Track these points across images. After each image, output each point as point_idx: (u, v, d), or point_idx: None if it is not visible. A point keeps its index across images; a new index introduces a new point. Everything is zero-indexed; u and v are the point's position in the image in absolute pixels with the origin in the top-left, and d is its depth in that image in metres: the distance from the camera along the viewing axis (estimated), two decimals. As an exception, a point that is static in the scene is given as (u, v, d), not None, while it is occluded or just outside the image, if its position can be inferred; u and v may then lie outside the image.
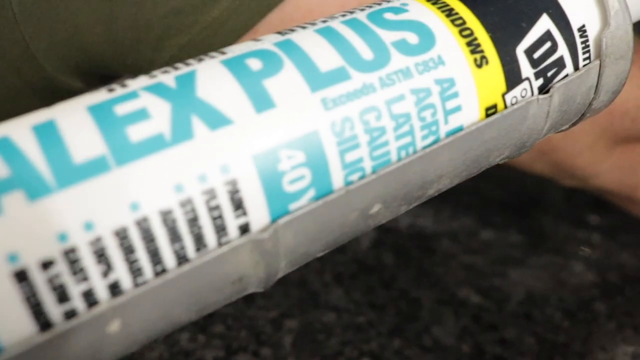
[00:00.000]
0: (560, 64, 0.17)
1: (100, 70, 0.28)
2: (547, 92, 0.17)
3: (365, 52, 0.15)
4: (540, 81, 0.17)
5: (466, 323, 0.34)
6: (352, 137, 0.14)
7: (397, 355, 0.32)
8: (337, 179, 0.14)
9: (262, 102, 0.14)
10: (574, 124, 0.19)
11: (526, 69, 0.17)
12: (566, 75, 0.17)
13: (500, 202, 0.49)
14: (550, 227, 0.47)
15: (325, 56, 0.15)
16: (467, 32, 0.16)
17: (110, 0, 0.24)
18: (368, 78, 0.15)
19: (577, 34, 0.17)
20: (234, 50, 0.15)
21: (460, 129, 0.16)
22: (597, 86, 0.18)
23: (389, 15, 0.16)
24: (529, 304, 0.37)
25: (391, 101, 0.15)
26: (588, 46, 0.18)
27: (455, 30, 0.16)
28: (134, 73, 0.27)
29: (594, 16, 0.18)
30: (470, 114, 0.16)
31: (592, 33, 0.18)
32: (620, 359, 0.33)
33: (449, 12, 0.16)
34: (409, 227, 0.46)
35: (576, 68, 0.17)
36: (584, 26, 0.17)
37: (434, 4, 0.16)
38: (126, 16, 0.24)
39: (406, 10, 0.16)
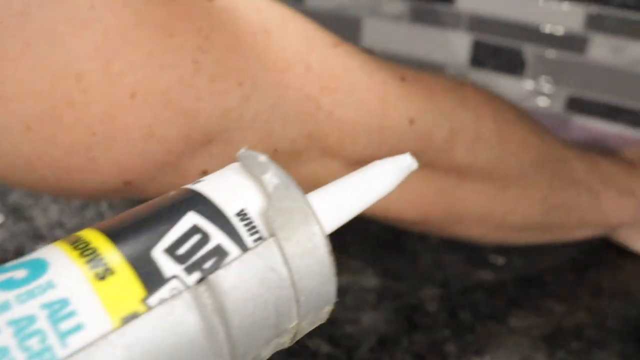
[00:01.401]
0: (219, 252, 0.16)
1: None
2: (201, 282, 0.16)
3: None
4: (197, 274, 0.16)
5: (314, 374, 0.33)
6: None
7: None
8: None
9: None
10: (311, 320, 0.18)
11: (171, 268, 0.16)
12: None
13: (359, 244, 0.48)
14: (406, 269, 0.46)
15: None
16: (90, 251, 0.16)
17: None
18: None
19: (235, 220, 0.17)
20: None
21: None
22: (286, 262, 0.17)
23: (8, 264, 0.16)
24: (380, 350, 0.37)
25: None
26: (255, 227, 0.17)
27: (76, 253, 0.16)
28: None
29: (255, 197, 0.17)
30: (97, 328, 0.15)
31: (255, 213, 0.17)
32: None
33: (75, 241, 0.16)
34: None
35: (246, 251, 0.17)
36: (243, 210, 0.17)
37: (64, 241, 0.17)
38: None
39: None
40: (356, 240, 0.48)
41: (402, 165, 0.19)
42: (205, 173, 0.29)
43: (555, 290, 0.45)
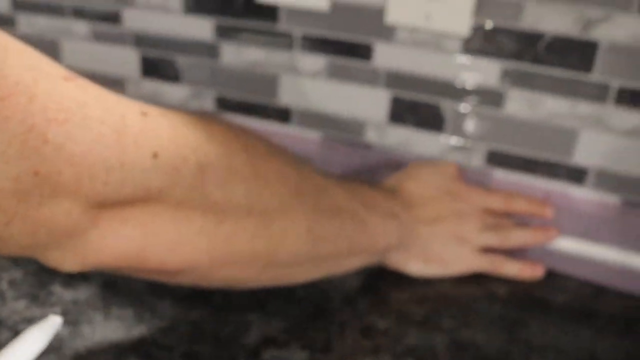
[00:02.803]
0: None
1: None
2: None
3: None
4: None
5: None
6: None
7: None
8: None
9: None
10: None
11: None
12: None
13: (284, 315, 0.46)
14: (334, 339, 0.44)
15: None
16: None
17: None
18: None
19: None
20: None
21: None
22: None
23: None
24: None
25: None
26: None
27: None
28: None
29: None
30: None
31: None
32: None
33: None
34: (183, 355, 0.41)
35: None
36: None
37: None
38: None
39: None
40: (279, 311, 0.46)
41: (48, 325, 0.25)
42: None
43: (487, 353, 0.44)
